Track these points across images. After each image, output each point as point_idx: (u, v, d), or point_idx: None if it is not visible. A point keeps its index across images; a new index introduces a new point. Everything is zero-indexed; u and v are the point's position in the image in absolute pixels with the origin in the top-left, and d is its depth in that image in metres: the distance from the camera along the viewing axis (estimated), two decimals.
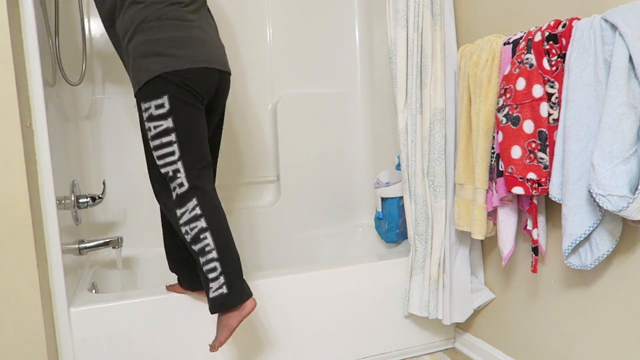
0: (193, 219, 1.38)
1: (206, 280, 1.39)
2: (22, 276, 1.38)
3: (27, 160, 1.39)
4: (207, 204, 1.39)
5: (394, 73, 1.78)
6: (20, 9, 1.41)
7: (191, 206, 1.38)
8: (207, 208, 1.38)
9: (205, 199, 1.39)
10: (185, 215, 1.38)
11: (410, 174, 1.82)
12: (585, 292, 1.46)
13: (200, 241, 1.37)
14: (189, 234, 1.38)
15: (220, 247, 1.38)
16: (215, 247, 1.38)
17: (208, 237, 1.37)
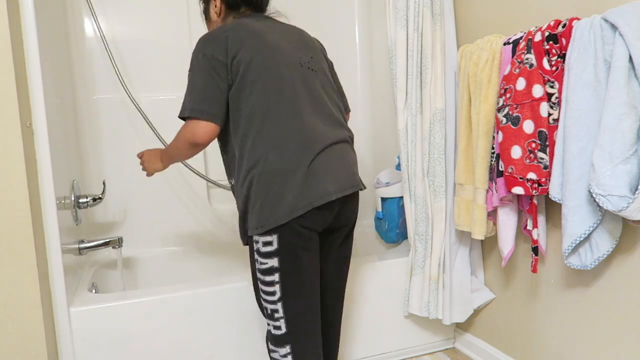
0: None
1: None
2: (22, 276, 1.38)
3: (27, 160, 1.39)
4: (301, 354, 1.30)
5: (394, 73, 1.78)
6: (20, 9, 1.41)
7: (283, 352, 1.30)
8: (299, 357, 1.30)
9: (298, 351, 1.30)
10: (274, 353, 1.32)
11: (410, 174, 1.82)
12: (585, 292, 1.46)
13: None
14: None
15: None
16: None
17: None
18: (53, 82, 1.67)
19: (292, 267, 1.27)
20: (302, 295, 1.29)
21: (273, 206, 1.24)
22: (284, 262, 1.26)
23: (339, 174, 1.31)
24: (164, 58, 2.27)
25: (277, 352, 1.30)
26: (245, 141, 1.28)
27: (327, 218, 1.31)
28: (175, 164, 1.38)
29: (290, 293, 1.28)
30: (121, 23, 2.20)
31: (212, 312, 1.67)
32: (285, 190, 1.24)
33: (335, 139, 1.33)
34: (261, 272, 1.29)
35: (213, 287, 1.67)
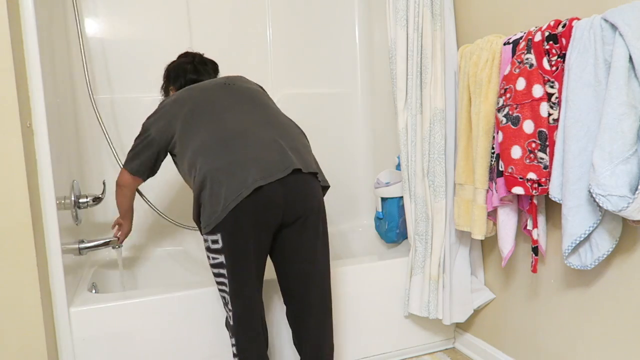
0: (233, 351, 1.46)
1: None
2: (22, 276, 1.38)
3: (27, 160, 1.39)
4: (242, 350, 1.43)
5: (394, 73, 1.78)
6: (20, 9, 1.41)
7: (232, 341, 1.46)
8: (241, 353, 1.43)
9: (240, 344, 1.43)
10: (230, 338, 1.47)
11: (410, 174, 1.82)
12: (585, 292, 1.46)
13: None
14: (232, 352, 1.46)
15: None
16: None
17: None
18: (53, 82, 1.67)
19: (235, 265, 1.36)
20: (244, 294, 1.39)
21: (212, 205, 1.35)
22: (229, 260, 1.36)
23: (267, 161, 1.34)
24: (164, 58, 2.27)
25: (230, 336, 1.45)
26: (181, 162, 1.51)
27: (272, 210, 1.34)
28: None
29: (234, 291, 1.38)
30: (121, 23, 2.20)
31: (212, 312, 1.67)
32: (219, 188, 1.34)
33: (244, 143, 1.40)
34: (212, 266, 1.41)
35: (213, 287, 1.67)
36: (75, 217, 1.87)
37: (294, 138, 1.45)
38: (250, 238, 1.34)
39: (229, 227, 1.32)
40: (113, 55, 2.20)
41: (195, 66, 1.72)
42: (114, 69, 2.20)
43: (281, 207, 1.35)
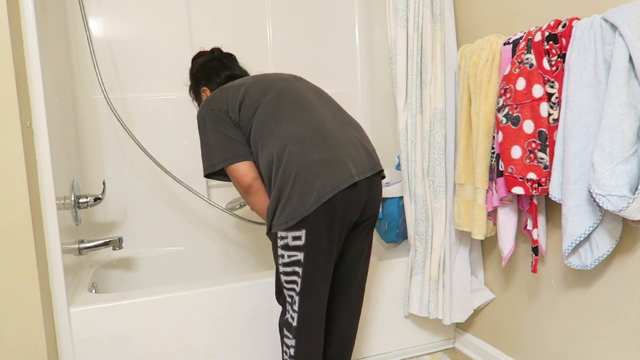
0: (289, 346, 1.41)
1: None
2: (22, 276, 1.38)
3: (27, 160, 1.39)
4: (301, 352, 1.39)
5: (394, 73, 1.78)
6: (20, 9, 1.41)
7: (290, 342, 1.40)
8: (300, 354, 1.39)
9: (302, 345, 1.39)
10: (287, 339, 1.41)
11: (410, 174, 1.82)
12: (585, 292, 1.46)
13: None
14: (285, 356, 1.42)
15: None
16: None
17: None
18: (53, 82, 1.67)
19: (315, 263, 1.33)
20: (318, 294, 1.37)
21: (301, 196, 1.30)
22: (309, 257, 1.32)
23: (358, 159, 1.37)
24: (164, 58, 2.27)
25: (288, 337, 1.40)
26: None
27: (358, 207, 1.37)
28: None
29: (307, 291, 1.35)
30: (121, 23, 2.20)
31: (212, 312, 1.67)
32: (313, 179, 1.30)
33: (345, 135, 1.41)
34: (285, 265, 1.36)
35: (213, 287, 1.67)
36: (75, 217, 1.87)
37: (368, 140, 1.49)
38: (335, 234, 1.33)
39: (316, 222, 1.29)
40: (113, 55, 2.19)
41: (222, 61, 1.66)
42: (114, 69, 2.20)
43: (363, 205, 1.38)
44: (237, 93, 1.43)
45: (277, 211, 1.32)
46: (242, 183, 1.38)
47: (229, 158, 1.37)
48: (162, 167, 2.02)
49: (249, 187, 1.38)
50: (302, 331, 1.37)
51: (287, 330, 1.40)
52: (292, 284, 1.36)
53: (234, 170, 1.38)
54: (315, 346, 1.40)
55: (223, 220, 2.40)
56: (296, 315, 1.37)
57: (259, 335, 1.73)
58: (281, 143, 1.32)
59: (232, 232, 2.42)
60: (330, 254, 1.35)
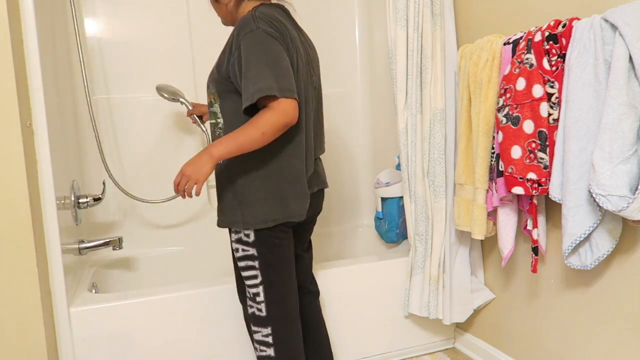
0: (264, 343, 1.39)
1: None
2: (22, 276, 1.38)
3: (27, 160, 1.39)
4: (281, 337, 1.39)
5: (394, 73, 1.78)
6: (20, 9, 1.41)
7: (265, 332, 1.39)
8: (280, 341, 1.38)
9: (279, 332, 1.39)
10: (257, 334, 1.40)
11: (410, 174, 1.82)
12: (585, 292, 1.46)
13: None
14: (257, 351, 1.41)
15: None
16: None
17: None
18: (53, 82, 1.67)
19: (271, 256, 1.36)
20: (283, 280, 1.39)
21: (277, 206, 1.32)
22: (263, 251, 1.35)
23: (317, 179, 1.49)
24: (164, 58, 2.27)
25: (259, 332, 1.39)
26: None
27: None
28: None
29: (271, 279, 1.37)
30: (122, 23, 2.20)
31: (212, 312, 1.67)
32: (290, 194, 1.34)
33: (317, 155, 1.48)
34: (240, 259, 1.37)
35: (213, 287, 1.68)
36: (75, 217, 1.87)
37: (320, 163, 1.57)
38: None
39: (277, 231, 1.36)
40: (112, 55, 2.19)
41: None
42: (113, 69, 2.20)
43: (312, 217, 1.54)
44: (292, 47, 1.30)
45: (264, 201, 1.32)
46: (287, 120, 1.20)
47: (292, 90, 1.21)
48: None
49: (285, 127, 1.22)
50: (277, 315, 1.39)
51: (257, 323, 1.39)
52: (250, 279, 1.37)
53: (290, 106, 1.20)
54: (296, 331, 1.43)
55: None
56: (263, 305, 1.37)
57: None
58: (299, 143, 1.35)
59: None
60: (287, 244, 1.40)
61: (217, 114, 1.36)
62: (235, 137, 1.20)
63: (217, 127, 1.38)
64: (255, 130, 1.19)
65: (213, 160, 1.21)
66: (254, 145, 1.21)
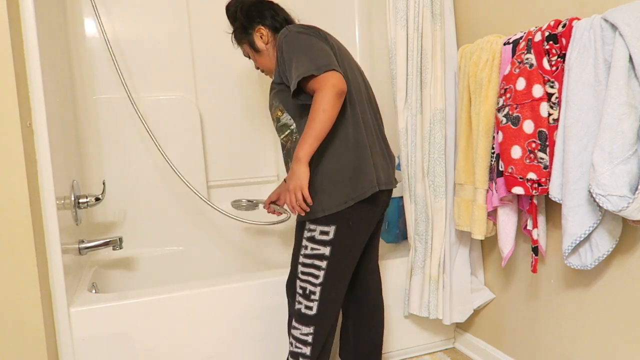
0: (301, 341, 1.44)
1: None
2: (22, 276, 1.38)
3: (27, 160, 1.39)
4: (320, 339, 1.44)
5: (394, 73, 1.78)
6: (20, 9, 1.41)
7: (306, 331, 1.43)
8: (318, 342, 1.43)
9: (320, 333, 1.44)
10: (297, 331, 1.45)
11: (410, 174, 1.82)
12: (585, 292, 1.46)
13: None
14: (292, 347, 1.46)
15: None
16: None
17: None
18: (53, 82, 1.67)
19: (341, 258, 1.40)
20: (341, 285, 1.44)
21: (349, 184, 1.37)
22: (335, 252, 1.39)
23: (387, 168, 1.50)
24: (164, 58, 2.27)
25: (299, 329, 1.44)
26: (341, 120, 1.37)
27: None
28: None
29: (333, 281, 1.41)
30: (122, 23, 2.20)
31: (212, 312, 1.67)
32: (366, 170, 1.39)
33: (383, 139, 1.52)
34: (308, 257, 1.41)
35: (213, 287, 1.68)
36: (75, 217, 1.87)
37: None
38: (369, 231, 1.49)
39: (359, 214, 1.40)
40: (114, 55, 2.19)
41: (272, 3, 1.56)
42: (113, 69, 2.20)
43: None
44: (330, 40, 1.40)
45: (346, 182, 1.36)
46: (335, 90, 1.25)
47: (329, 64, 1.27)
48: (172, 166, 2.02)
49: (342, 95, 1.27)
50: (324, 319, 1.42)
51: (305, 322, 1.43)
52: (310, 276, 1.41)
53: (332, 77, 1.25)
54: (332, 334, 1.48)
55: (223, 220, 2.40)
56: (315, 305, 1.41)
57: (259, 335, 1.73)
58: (358, 119, 1.39)
59: (232, 232, 2.42)
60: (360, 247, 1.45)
61: (287, 123, 1.43)
62: (307, 132, 1.27)
63: (292, 134, 1.43)
64: (316, 114, 1.25)
65: (302, 162, 1.28)
66: (325, 126, 1.26)
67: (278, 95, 1.42)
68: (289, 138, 1.44)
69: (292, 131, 1.43)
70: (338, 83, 1.25)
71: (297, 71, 1.27)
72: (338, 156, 1.35)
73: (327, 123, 1.26)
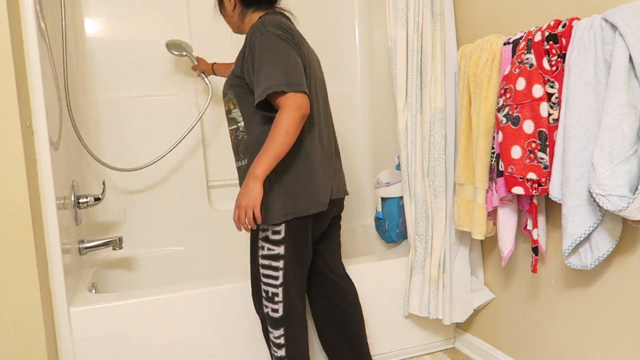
0: (276, 345, 1.46)
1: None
2: (22, 276, 1.38)
3: (27, 160, 1.39)
4: (292, 338, 1.45)
5: (394, 73, 1.78)
6: (20, 10, 1.41)
7: (277, 334, 1.45)
8: (291, 342, 1.45)
9: (291, 333, 1.46)
10: (271, 335, 1.47)
11: (410, 174, 1.82)
12: (585, 292, 1.46)
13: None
14: (271, 351, 1.48)
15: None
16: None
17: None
18: (53, 82, 1.67)
19: (296, 256, 1.42)
20: (301, 280, 1.46)
21: (305, 197, 1.39)
22: (289, 251, 1.40)
23: (336, 182, 1.54)
24: (164, 58, 2.27)
25: (272, 333, 1.45)
26: None
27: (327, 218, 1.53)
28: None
29: (292, 278, 1.43)
30: (121, 23, 2.20)
31: (212, 312, 1.67)
32: (312, 186, 1.40)
33: (332, 154, 1.53)
34: (266, 257, 1.41)
35: (213, 287, 1.68)
36: (75, 217, 1.87)
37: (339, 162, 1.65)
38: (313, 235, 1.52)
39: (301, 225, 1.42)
40: (113, 55, 2.19)
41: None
42: (114, 69, 2.20)
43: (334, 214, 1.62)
44: (302, 47, 1.38)
45: (287, 196, 1.37)
46: (301, 112, 1.26)
47: (300, 84, 1.27)
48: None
49: (303, 118, 1.28)
50: (290, 319, 1.44)
51: (274, 325, 1.44)
52: (270, 279, 1.42)
53: (301, 99, 1.27)
54: (303, 330, 1.49)
55: (223, 220, 2.40)
56: (280, 306, 1.42)
57: (259, 335, 1.73)
58: (313, 136, 1.40)
59: (231, 232, 2.42)
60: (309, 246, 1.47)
61: (236, 118, 1.44)
62: (266, 150, 1.27)
63: (238, 131, 1.45)
64: (279, 134, 1.25)
65: (258, 180, 1.28)
66: (285, 148, 1.27)
67: (234, 89, 1.42)
68: (234, 133, 1.46)
69: (238, 127, 1.44)
70: (304, 105, 1.26)
71: (266, 81, 1.25)
72: (289, 169, 1.38)
73: (288, 145, 1.27)
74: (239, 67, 1.39)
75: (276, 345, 1.45)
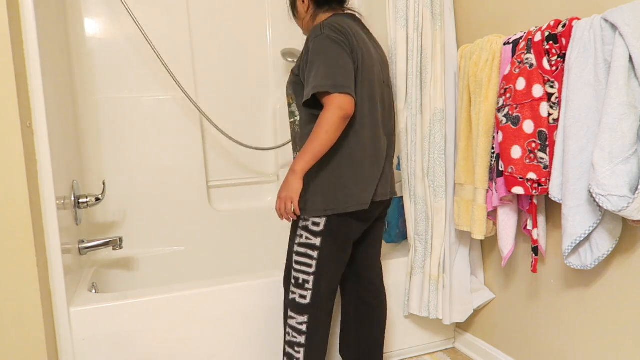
0: (297, 330, 1.48)
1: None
2: (22, 276, 1.38)
3: (27, 160, 1.39)
4: (314, 328, 1.47)
5: (394, 73, 1.78)
6: (20, 9, 1.41)
7: (300, 320, 1.47)
8: (313, 331, 1.47)
9: (315, 322, 1.48)
10: (292, 321, 1.49)
11: (410, 174, 1.82)
12: (585, 292, 1.46)
13: (293, 353, 1.48)
14: (289, 336, 1.50)
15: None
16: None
17: (300, 353, 1.47)
18: (53, 82, 1.67)
19: (332, 251, 1.45)
20: (333, 276, 1.48)
21: (349, 191, 1.42)
22: (325, 245, 1.44)
23: (382, 184, 1.54)
24: (164, 58, 2.27)
25: (295, 319, 1.48)
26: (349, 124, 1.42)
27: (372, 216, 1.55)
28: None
29: (325, 271, 1.45)
30: (122, 23, 2.20)
31: (212, 312, 1.67)
32: (354, 186, 1.43)
33: (387, 155, 1.55)
34: (302, 245, 1.46)
35: (213, 287, 1.67)
36: (75, 217, 1.87)
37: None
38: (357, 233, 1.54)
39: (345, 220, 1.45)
40: (113, 55, 2.19)
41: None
42: (114, 69, 2.20)
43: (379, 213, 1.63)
44: (359, 48, 1.42)
45: (333, 190, 1.40)
46: (342, 113, 1.31)
47: (346, 86, 1.32)
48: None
49: (343, 119, 1.32)
50: (320, 306, 1.46)
51: (298, 310, 1.47)
52: (303, 266, 1.46)
53: (344, 100, 1.31)
54: (328, 326, 1.51)
55: (223, 220, 2.40)
56: (309, 294, 1.45)
57: (259, 335, 1.73)
58: (360, 136, 1.43)
59: (231, 232, 2.42)
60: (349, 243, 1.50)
61: (294, 112, 1.52)
62: (307, 148, 1.33)
63: (295, 124, 1.53)
64: (319, 133, 1.32)
65: (298, 175, 1.35)
66: (325, 146, 1.33)
67: (293, 86, 1.50)
68: (292, 125, 1.54)
69: (295, 121, 1.52)
70: (346, 107, 1.31)
71: (314, 81, 1.32)
72: (332, 168, 1.42)
73: (328, 144, 1.33)
74: (297, 65, 1.47)
75: (297, 330, 1.47)
